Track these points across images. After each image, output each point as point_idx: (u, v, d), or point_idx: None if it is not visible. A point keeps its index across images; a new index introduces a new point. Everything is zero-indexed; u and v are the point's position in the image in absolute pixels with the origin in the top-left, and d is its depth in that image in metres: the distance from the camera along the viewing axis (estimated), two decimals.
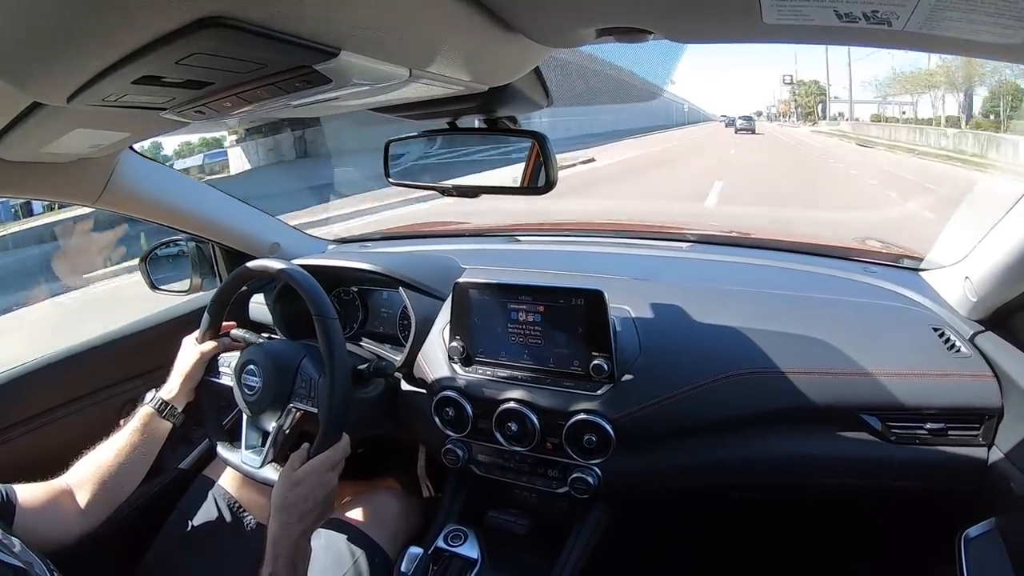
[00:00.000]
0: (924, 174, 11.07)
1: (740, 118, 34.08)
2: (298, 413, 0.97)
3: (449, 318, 1.04)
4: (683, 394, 0.91)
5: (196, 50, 0.41)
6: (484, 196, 0.93)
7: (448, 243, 1.54)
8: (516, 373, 0.99)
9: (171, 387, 1.04)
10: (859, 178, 10.88)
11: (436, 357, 1.06)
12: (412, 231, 1.77)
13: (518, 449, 0.98)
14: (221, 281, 1.28)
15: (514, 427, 0.96)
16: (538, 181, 0.86)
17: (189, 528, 1.05)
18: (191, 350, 1.06)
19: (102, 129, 0.78)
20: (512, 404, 0.97)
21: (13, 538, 0.72)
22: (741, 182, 9.97)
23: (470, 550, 0.97)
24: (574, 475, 0.95)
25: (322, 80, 0.49)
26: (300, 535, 0.83)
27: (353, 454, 0.91)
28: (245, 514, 1.07)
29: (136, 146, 1.05)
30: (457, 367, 1.03)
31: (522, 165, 0.88)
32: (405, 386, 1.13)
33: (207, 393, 1.07)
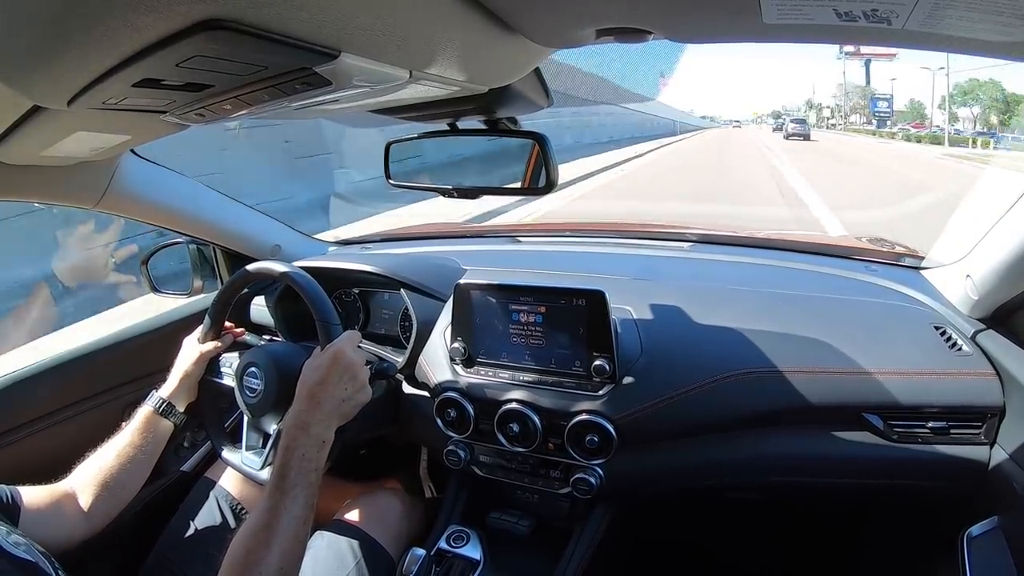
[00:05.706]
0: None
1: (792, 122, 29.93)
2: None
3: (450, 319, 1.04)
4: (685, 394, 0.91)
5: (196, 52, 0.41)
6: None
7: (449, 244, 1.54)
8: (518, 374, 0.99)
9: (170, 385, 1.04)
10: None
11: (437, 358, 1.06)
12: (413, 232, 1.77)
13: (520, 450, 0.98)
14: (222, 284, 1.28)
15: (516, 428, 0.96)
16: (539, 182, 0.86)
17: (191, 530, 1.05)
18: (191, 349, 1.07)
19: (103, 132, 0.77)
20: (514, 405, 0.96)
21: (19, 536, 0.72)
22: None
23: (472, 551, 0.97)
24: (576, 476, 0.95)
25: (323, 82, 0.49)
26: (321, 428, 0.80)
27: (355, 455, 0.91)
28: (247, 516, 1.07)
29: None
30: (459, 368, 1.03)
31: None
32: (407, 388, 1.13)
33: (209, 394, 1.07)
